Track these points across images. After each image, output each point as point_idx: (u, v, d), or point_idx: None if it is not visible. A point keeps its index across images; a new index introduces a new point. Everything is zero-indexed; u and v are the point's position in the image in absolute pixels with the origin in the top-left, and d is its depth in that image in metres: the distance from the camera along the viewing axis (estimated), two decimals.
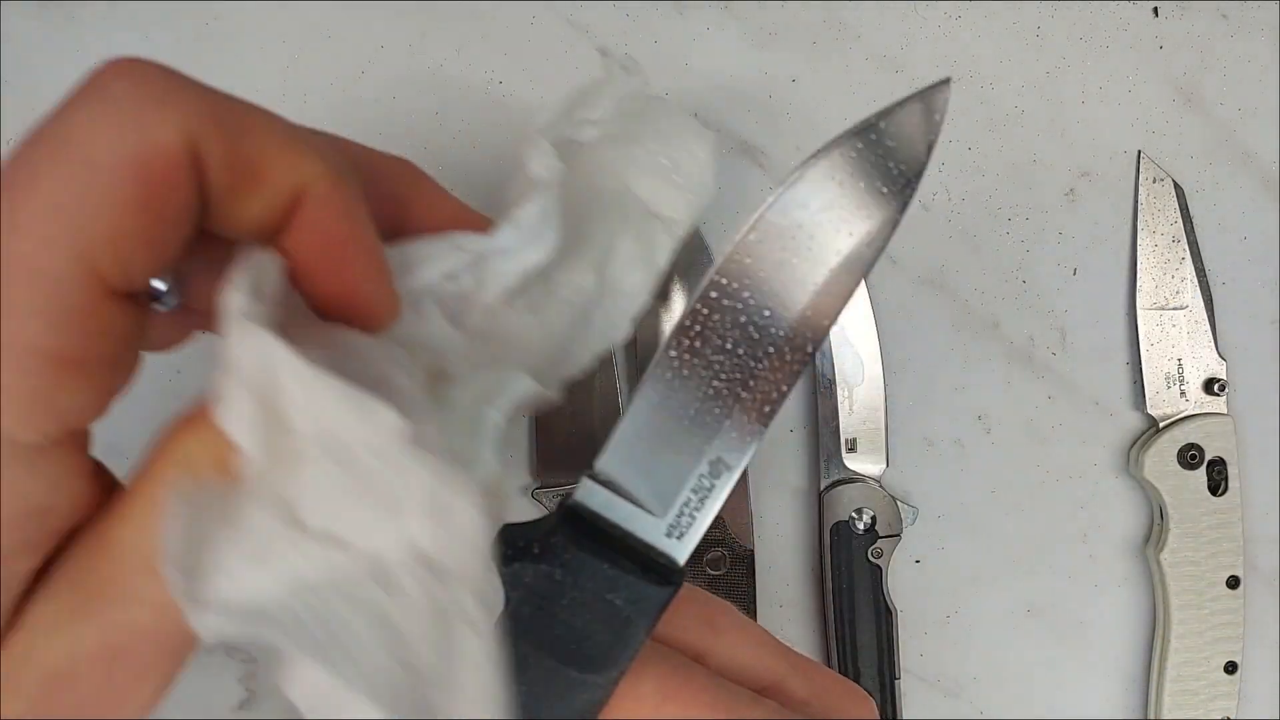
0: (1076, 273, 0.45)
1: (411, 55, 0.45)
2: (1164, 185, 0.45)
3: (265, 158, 0.16)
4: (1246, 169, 0.45)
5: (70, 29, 0.45)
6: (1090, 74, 0.45)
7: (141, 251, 0.15)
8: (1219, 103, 0.45)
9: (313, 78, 0.45)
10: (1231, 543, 0.44)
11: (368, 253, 0.18)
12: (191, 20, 0.44)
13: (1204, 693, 0.44)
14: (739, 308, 0.20)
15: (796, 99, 0.45)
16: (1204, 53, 0.45)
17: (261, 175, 0.16)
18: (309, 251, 0.17)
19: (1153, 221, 0.45)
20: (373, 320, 0.19)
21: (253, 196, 0.16)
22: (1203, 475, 0.44)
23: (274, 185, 0.16)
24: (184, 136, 0.15)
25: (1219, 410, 0.44)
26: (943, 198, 0.45)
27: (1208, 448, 0.44)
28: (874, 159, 0.19)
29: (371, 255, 0.18)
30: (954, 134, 0.45)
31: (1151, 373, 0.45)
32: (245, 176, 0.16)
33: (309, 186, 0.16)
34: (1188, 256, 0.45)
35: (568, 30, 0.44)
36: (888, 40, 0.44)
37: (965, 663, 0.46)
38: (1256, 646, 0.45)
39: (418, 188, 0.22)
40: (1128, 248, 0.45)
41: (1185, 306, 0.45)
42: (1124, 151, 0.45)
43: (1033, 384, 0.45)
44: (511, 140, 0.45)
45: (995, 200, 0.45)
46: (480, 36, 0.44)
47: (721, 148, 0.45)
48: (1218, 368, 0.45)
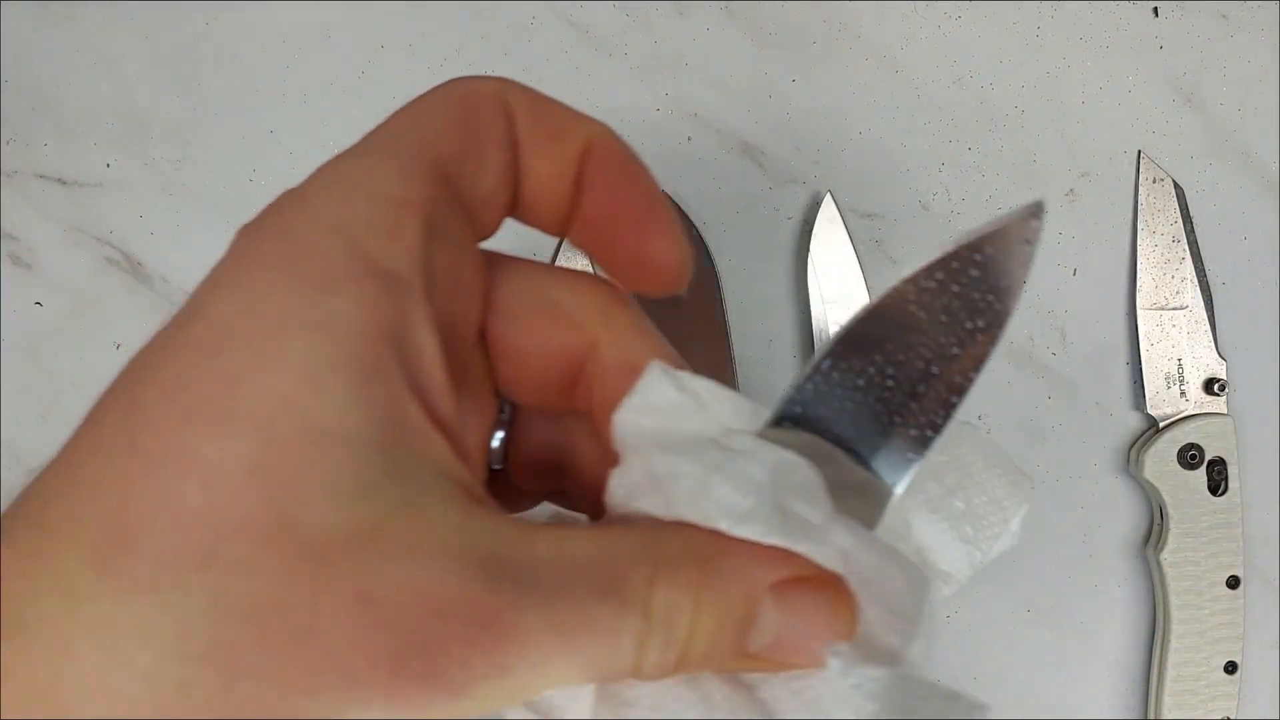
0: (1076, 273, 0.45)
1: (412, 55, 0.45)
2: (1164, 185, 0.45)
3: (560, 116, 0.19)
4: (1246, 169, 0.45)
5: (70, 28, 0.45)
6: (1090, 74, 0.45)
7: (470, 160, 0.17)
8: (1219, 103, 0.45)
9: (313, 78, 0.45)
10: (1231, 543, 0.44)
11: (657, 197, 0.19)
12: (191, 20, 0.44)
13: (1204, 693, 0.44)
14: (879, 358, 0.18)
15: (796, 99, 0.45)
16: (1204, 53, 0.45)
17: (558, 128, 0.18)
18: (600, 199, 0.19)
19: (1153, 221, 0.45)
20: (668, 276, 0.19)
21: (553, 145, 0.18)
22: (1203, 475, 0.44)
23: (569, 136, 0.18)
24: (498, 90, 0.18)
25: (1219, 410, 0.44)
26: (943, 198, 0.45)
27: (1208, 448, 0.44)
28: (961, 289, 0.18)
29: (660, 201, 0.19)
30: (954, 134, 0.45)
31: (1151, 373, 0.45)
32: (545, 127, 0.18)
33: (596, 138, 0.19)
34: (1188, 256, 0.45)
35: (568, 30, 0.44)
36: (888, 40, 0.44)
37: (965, 663, 0.46)
38: (1256, 646, 0.45)
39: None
40: (1128, 248, 0.45)
41: (1185, 306, 0.45)
42: (1124, 151, 0.45)
43: (1033, 384, 0.45)
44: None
45: (995, 200, 0.45)
46: (480, 36, 0.44)
47: (722, 148, 0.45)
48: (1218, 368, 0.45)
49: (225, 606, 0.13)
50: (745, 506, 0.16)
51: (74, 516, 0.14)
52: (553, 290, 0.19)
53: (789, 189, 0.45)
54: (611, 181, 0.19)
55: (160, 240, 0.45)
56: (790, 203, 0.45)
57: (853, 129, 0.45)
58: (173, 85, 0.45)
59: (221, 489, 0.13)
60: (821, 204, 0.43)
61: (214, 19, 0.44)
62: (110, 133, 0.45)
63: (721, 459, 0.17)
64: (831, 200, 0.44)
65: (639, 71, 0.44)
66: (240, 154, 0.45)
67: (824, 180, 0.45)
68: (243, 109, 0.45)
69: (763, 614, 0.16)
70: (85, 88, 0.45)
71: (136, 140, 0.45)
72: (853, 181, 0.45)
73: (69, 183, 0.45)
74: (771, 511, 0.16)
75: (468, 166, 0.17)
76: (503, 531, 0.15)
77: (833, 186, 0.44)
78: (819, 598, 0.16)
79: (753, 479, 0.16)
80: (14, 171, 0.45)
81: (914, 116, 0.45)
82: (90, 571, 0.13)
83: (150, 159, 0.45)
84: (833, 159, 0.45)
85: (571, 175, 0.19)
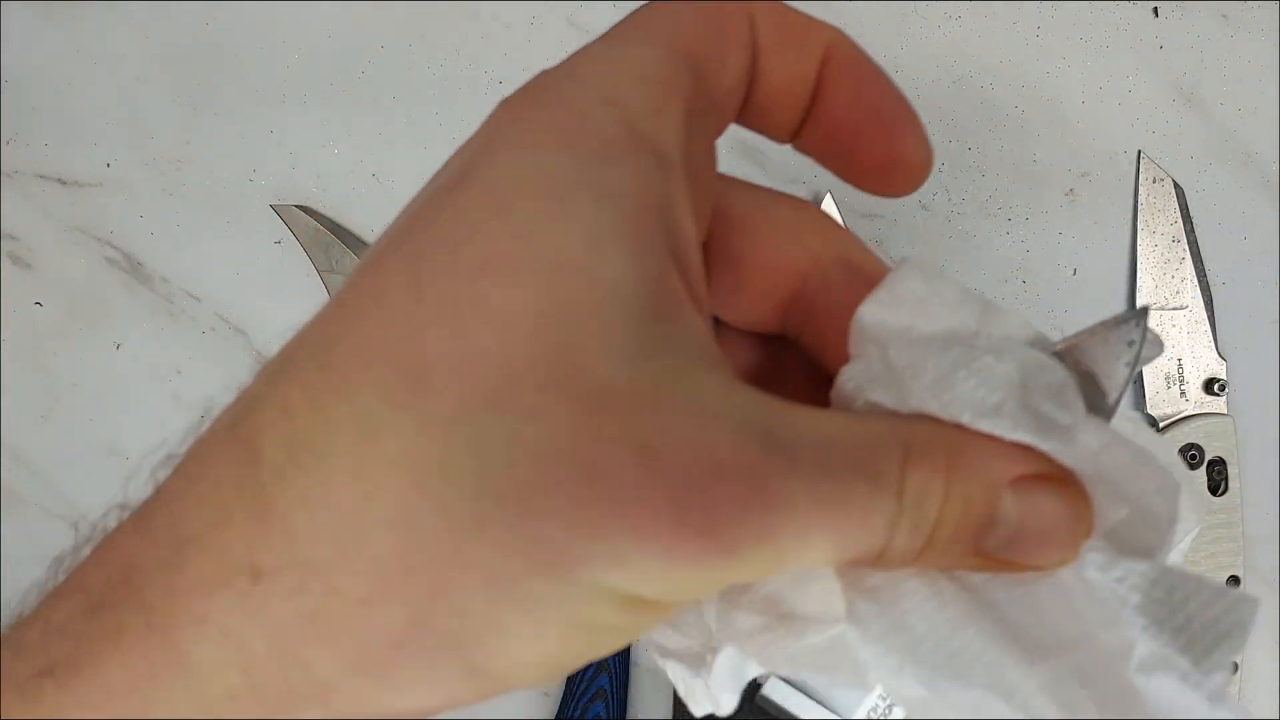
0: (1076, 273, 0.45)
1: (412, 55, 0.45)
2: (1164, 185, 0.45)
3: (801, 23, 0.19)
4: (1246, 169, 0.45)
5: (71, 28, 0.45)
6: (1090, 74, 0.45)
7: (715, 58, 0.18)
8: (1219, 103, 0.45)
9: (314, 78, 0.45)
10: (1232, 543, 0.44)
11: (902, 98, 0.19)
12: (192, 20, 0.44)
13: None
14: None
15: None
16: (1204, 53, 0.45)
17: (800, 35, 0.19)
18: (846, 102, 0.19)
19: (1152, 221, 0.45)
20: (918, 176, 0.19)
21: (795, 51, 0.19)
22: (1203, 475, 0.44)
23: (810, 43, 0.19)
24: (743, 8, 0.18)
25: (1219, 410, 0.44)
26: (943, 198, 0.45)
27: (1208, 448, 0.44)
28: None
29: (905, 101, 0.19)
30: (954, 134, 0.45)
31: (1151, 373, 0.45)
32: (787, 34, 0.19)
33: (836, 44, 0.19)
34: (1187, 256, 0.45)
35: (568, 30, 0.44)
36: (888, 40, 0.44)
37: None
38: (1256, 646, 0.45)
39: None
40: (1127, 248, 0.45)
41: (1185, 306, 0.45)
42: (1124, 152, 0.45)
43: None
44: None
45: (995, 200, 0.45)
46: (480, 36, 0.44)
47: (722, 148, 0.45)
48: (1217, 368, 0.45)
49: (519, 447, 0.13)
50: (991, 401, 0.16)
51: (365, 356, 0.14)
52: (776, 208, 0.20)
53: (789, 189, 0.45)
54: (857, 87, 0.19)
55: (160, 240, 0.45)
56: None
57: None
58: (173, 85, 0.45)
59: (513, 336, 0.14)
60: (821, 204, 0.43)
61: (214, 19, 0.44)
62: (110, 133, 0.45)
63: (968, 354, 0.17)
64: (831, 200, 0.44)
65: None
66: (240, 154, 0.45)
67: (824, 180, 0.45)
68: (243, 109, 0.45)
69: (1004, 508, 0.16)
70: (85, 88, 0.45)
71: (137, 140, 0.45)
72: None
73: (69, 183, 0.45)
74: (1018, 408, 0.16)
75: (714, 63, 0.18)
76: (767, 405, 0.15)
77: (832, 187, 0.44)
78: (1058, 496, 0.17)
79: (1000, 374, 0.16)
80: (14, 171, 0.45)
81: None
82: (386, 408, 0.14)
83: (150, 159, 0.45)
84: None
85: (811, 81, 0.19)
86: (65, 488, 0.46)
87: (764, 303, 0.20)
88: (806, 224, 0.20)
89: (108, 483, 0.46)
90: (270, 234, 0.44)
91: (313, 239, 0.44)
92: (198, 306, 0.45)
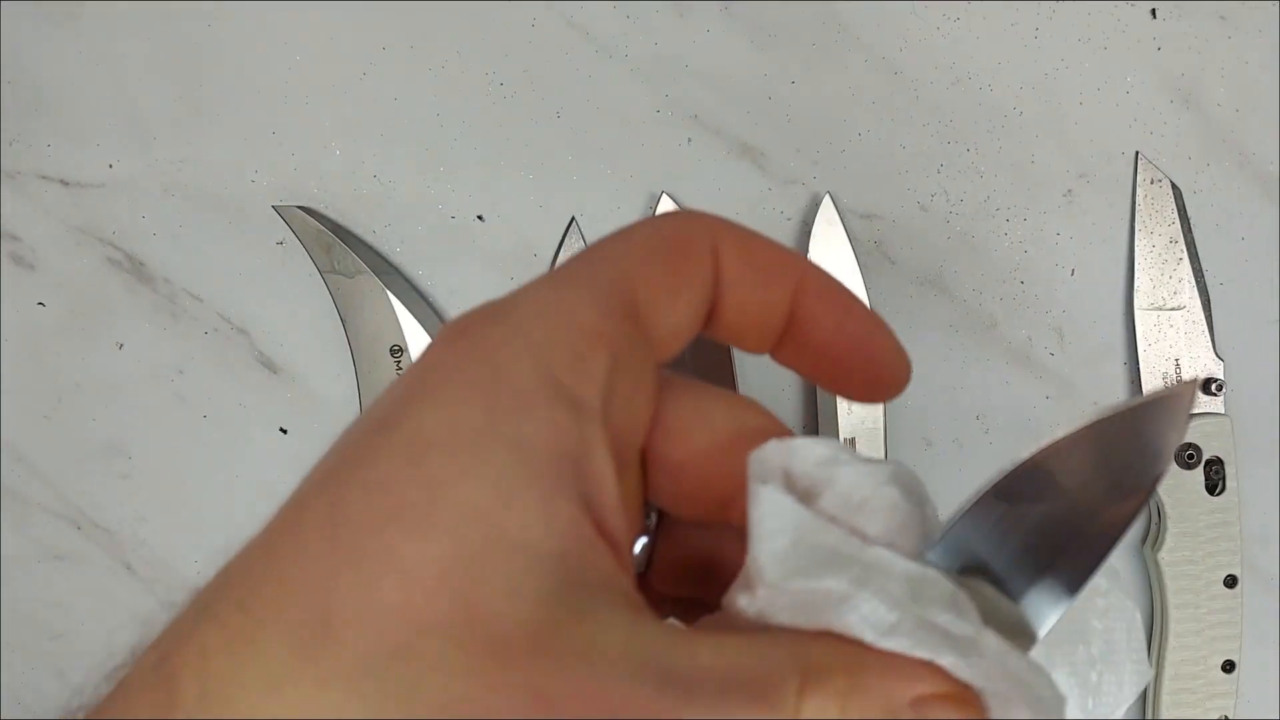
0: (1074, 273, 0.45)
1: (412, 56, 0.45)
2: (1162, 186, 0.45)
3: (771, 258, 0.20)
4: (1244, 169, 0.45)
5: (71, 29, 0.45)
6: (1088, 75, 0.45)
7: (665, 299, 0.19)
8: (1217, 103, 0.45)
9: (314, 79, 0.45)
10: (1229, 542, 0.44)
11: (876, 319, 0.20)
12: (192, 21, 0.45)
13: (1202, 691, 0.44)
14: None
15: (796, 100, 0.45)
16: (1202, 54, 0.45)
17: (769, 272, 0.20)
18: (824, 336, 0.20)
19: (1150, 222, 0.45)
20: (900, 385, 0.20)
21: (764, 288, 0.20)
22: (1200, 475, 0.44)
23: (781, 279, 0.20)
24: (707, 232, 0.19)
25: (1217, 410, 0.45)
26: (941, 198, 0.45)
27: (1205, 448, 0.44)
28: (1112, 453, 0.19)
29: (879, 321, 0.20)
30: (953, 135, 0.45)
31: (1149, 373, 0.45)
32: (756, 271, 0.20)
33: (807, 275, 0.20)
34: (1185, 257, 0.45)
35: (568, 31, 0.44)
36: (887, 41, 0.44)
37: None
38: (1254, 645, 0.45)
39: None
40: (1125, 248, 0.45)
41: (1183, 307, 0.45)
42: (1122, 152, 0.45)
43: (1031, 384, 0.45)
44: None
45: (994, 201, 0.45)
46: (481, 37, 0.44)
47: (722, 149, 0.45)
48: (1215, 368, 0.45)
49: (416, 698, 0.14)
50: (890, 620, 0.17)
51: (279, 603, 0.15)
52: (716, 412, 0.20)
53: (788, 190, 0.45)
54: (835, 319, 0.20)
55: (162, 241, 0.45)
56: (789, 204, 0.45)
57: (852, 130, 0.45)
58: (174, 85, 0.45)
59: (418, 588, 0.15)
60: (820, 205, 0.44)
61: (215, 19, 0.45)
62: (112, 133, 0.45)
63: (863, 573, 0.17)
64: (830, 201, 0.44)
65: (639, 72, 0.45)
66: (242, 154, 0.45)
67: (823, 181, 0.45)
68: (244, 109, 0.45)
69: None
70: (87, 88, 0.45)
71: (138, 141, 0.45)
72: (852, 182, 0.45)
73: (71, 183, 0.46)
74: (916, 624, 0.17)
75: (661, 304, 0.19)
76: (665, 639, 0.16)
77: (832, 187, 0.44)
78: (958, 713, 0.17)
79: (893, 591, 0.17)
80: (16, 172, 0.46)
81: (913, 118, 0.45)
82: (294, 659, 0.14)
83: (152, 159, 0.45)
84: (832, 160, 0.45)
85: (783, 310, 0.20)
86: (66, 488, 0.46)
87: (704, 503, 0.21)
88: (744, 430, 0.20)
89: (109, 483, 0.46)
90: (272, 234, 0.44)
91: (314, 240, 0.44)
92: (200, 307, 0.45)
